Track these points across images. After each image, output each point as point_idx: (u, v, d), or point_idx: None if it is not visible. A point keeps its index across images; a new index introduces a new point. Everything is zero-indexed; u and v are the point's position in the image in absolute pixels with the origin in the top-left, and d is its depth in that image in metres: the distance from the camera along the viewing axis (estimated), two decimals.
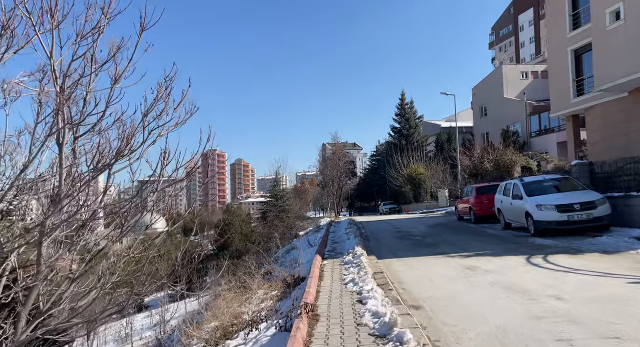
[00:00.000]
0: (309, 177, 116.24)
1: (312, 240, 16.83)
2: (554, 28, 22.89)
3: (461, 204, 19.06)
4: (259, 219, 53.76)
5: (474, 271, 7.68)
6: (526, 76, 45.99)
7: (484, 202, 16.88)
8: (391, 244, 12.58)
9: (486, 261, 8.57)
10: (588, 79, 20.69)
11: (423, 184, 39.30)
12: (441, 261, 9.09)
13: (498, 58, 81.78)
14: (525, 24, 77.12)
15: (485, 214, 16.80)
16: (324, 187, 54.13)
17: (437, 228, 16.91)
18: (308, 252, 13.33)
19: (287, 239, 35.66)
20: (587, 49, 20.51)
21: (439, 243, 12.01)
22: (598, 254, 8.40)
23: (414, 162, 43.36)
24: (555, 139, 37.60)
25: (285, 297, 7.99)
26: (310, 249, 14.54)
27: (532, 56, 71.94)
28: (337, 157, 47.03)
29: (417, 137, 50.89)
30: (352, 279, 7.11)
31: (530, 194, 12.16)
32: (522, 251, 9.30)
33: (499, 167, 26.75)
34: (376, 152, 63.45)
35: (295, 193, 70.19)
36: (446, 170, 40.09)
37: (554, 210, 10.95)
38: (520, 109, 42.13)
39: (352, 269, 8.11)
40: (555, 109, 22.92)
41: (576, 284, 6.15)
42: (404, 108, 52.91)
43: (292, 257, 13.16)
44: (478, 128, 47.99)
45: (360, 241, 12.04)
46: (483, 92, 47.25)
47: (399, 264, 9.07)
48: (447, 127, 54.38)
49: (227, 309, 7.27)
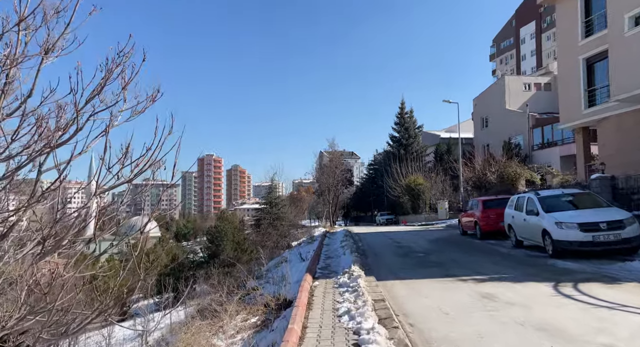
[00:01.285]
0: (305, 185, 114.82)
1: (304, 252, 15.48)
2: (564, 35, 21.86)
3: (465, 218, 17.80)
4: (253, 226, 52.28)
5: (493, 300, 6.40)
6: (529, 88, 45.02)
7: (491, 217, 15.63)
8: (391, 262, 11.27)
9: (505, 287, 7.29)
10: (601, 88, 19.64)
11: (422, 195, 38.02)
12: (451, 285, 7.79)
13: (499, 70, 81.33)
14: (526, 36, 76.73)
15: (492, 229, 15.55)
16: (320, 195, 52.79)
17: (440, 243, 15.63)
18: (298, 268, 12.01)
19: (281, 248, 34.26)
20: (600, 57, 19.48)
21: (446, 262, 10.70)
22: (638, 283, 7.14)
23: (413, 172, 42.16)
24: (558, 152, 36.50)
25: (266, 327, 6.67)
26: (302, 263, 13.22)
27: (532, 69, 71.34)
28: (333, 165, 45.76)
29: (416, 147, 49.74)
30: (348, 309, 5.80)
31: (547, 210, 10.92)
32: (544, 277, 8.02)
33: (503, 179, 25.57)
34: (374, 161, 62.27)
35: (290, 200, 68.75)
36: (446, 181, 38.88)
37: (577, 229, 9.70)
38: (522, 121, 41.11)
39: (348, 294, 6.80)
40: (565, 120, 21.81)
41: (631, 327, 4.88)
42: (403, 117, 51.84)
43: (280, 273, 11.84)
44: (478, 139, 46.94)
45: (357, 258, 10.71)
46: (484, 103, 46.28)
47: (403, 288, 7.77)
48: (446, 138, 53.37)
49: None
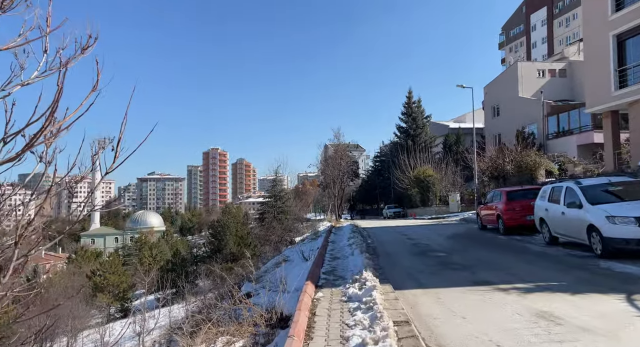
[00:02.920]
0: (310, 178, 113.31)
1: (308, 250, 13.85)
2: (591, 11, 19.94)
3: (485, 211, 16.10)
4: (257, 220, 50.86)
5: (556, 322, 4.75)
6: (542, 74, 42.94)
7: (516, 210, 13.93)
8: (408, 263, 9.61)
9: (562, 301, 5.64)
10: (634, 67, 17.78)
11: (432, 187, 36.23)
12: (490, 297, 6.14)
13: (508, 58, 78.86)
14: (537, 23, 74.34)
15: (517, 224, 13.87)
16: (325, 188, 51.15)
17: (459, 240, 13.96)
18: (300, 270, 10.39)
19: (284, 243, 32.79)
20: (633, 32, 17.59)
21: (473, 263, 9.04)
22: None
23: (421, 163, 40.37)
24: (575, 141, 34.59)
25: None
26: (304, 263, 11.61)
27: (544, 56, 69.01)
28: (338, 156, 44.02)
29: (424, 137, 47.85)
30: (361, 340, 4.18)
31: (592, 202, 9.22)
32: (606, 285, 6.36)
33: (521, 168, 23.81)
34: (380, 153, 60.49)
35: (295, 194, 67.27)
36: (457, 172, 37.04)
37: (635, 224, 8.01)
38: (536, 109, 39.18)
39: (360, 313, 5.19)
40: (591, 104, 19.95)
41: None
42: (410, 106, 49.91)
43: (279, 276, 10.26)
44: (489, 129, 45.05)
45: (369, 260, 9.03)
46: (495, 91, 44.32)
47: (429, 303, 6.12)
48: (455, 128, 51.48)
49: None
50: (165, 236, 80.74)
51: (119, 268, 40.15)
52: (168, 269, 40.64)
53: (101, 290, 36.30)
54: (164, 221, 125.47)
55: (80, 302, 29.26)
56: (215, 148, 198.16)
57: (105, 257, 45.15)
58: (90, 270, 40.14)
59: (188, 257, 47.13)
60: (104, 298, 35.75)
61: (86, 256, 50.12)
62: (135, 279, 37.15)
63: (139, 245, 55.72)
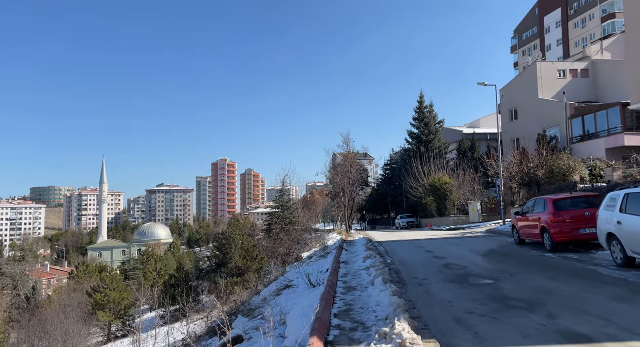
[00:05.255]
0: (319, 187, 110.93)
1: (315, 273, 11.49)
2: None
3: (524, 222, 13.66)
4: (265, 231, 48.77)
5: None
6: (563, 75, 40.51)
7: (567, 222, 11.52)
8: (449, 297, 7.20)
9: None
10: None
11: (449, 195, 33.72)
12: None
13: (521, 62, 76.35)
14: (551, 25, 72.04)
15: (569, 239, 11.48)
16: (334, 197, 48.82)
17: (499, 258, 11.56)
18: (304, 303, 8.07)
19: (291, 257, 30.58)
20: None
21: (540, 300, 6.61)
22: None
23: (436, 170, 37.95)
24: (603, 144, 32.06)
25: None
26: (310, 292, 9.32)
27: (559, 59, 66.50)
28: (348, 163, 41.76)
29: (438, 144, 45.44)
30: None
31: None
32: None
33: (553, 174, 21.35)
34: (390, 161, 58.14)
35: (304, 204, 65.00)
36: (475, 179, 34.52)
37: None
38: (558, 111, 36.74)
39: None
40: (637, 99, 17.60)
41: None
42: (422, 111, 47.63)
43: (278, 310, 7.97)
44: (507, 133, 42.58)
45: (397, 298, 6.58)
46: (513, 93, 41.95)
47: None
48: (469, 134, 49.17)
49: None
50: (172, 249, 78.97)
51: (120, 284, 38.43)
52: (171, 285, 38.82)
53: (102, 308, 34.44)
54: (172, 233, 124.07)
55: (78, 322, 27.38)
56: (224, 159, 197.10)
57: (108, 272, 43.28)
58: (91, 287, 38.24)
59: (193, 271, 45.34)
60: (104, 316, 33.95)
61: (88, 271, 48.26)
62: (138, 295, 35.24)
63: (144, 258, 54.08)
